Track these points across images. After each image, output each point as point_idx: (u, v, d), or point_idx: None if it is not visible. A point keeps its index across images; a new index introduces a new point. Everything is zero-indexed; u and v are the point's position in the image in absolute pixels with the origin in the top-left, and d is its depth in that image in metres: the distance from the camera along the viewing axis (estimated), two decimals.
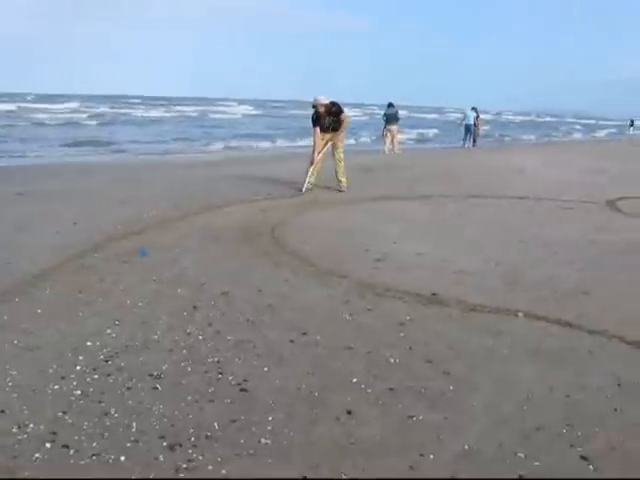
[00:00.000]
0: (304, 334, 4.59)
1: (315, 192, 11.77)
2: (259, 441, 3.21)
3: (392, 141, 23.67)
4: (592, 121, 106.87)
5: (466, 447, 3.22)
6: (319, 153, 12.26)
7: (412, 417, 3.49)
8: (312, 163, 12.20)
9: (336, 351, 4.32)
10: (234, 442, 3.19)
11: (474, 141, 29.22)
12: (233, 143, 29.68)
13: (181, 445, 3.16)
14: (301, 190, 11.78)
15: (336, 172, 12.31)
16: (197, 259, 6.55)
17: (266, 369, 4.01)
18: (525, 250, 7.60)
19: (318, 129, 12.22)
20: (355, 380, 3.89)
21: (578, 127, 76.62)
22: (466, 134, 29.09)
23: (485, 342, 4.58)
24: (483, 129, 31.75)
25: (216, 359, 4.13)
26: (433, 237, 8.12)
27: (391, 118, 23.52)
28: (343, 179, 12.31)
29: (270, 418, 3.42)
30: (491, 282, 6.11)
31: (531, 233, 8.62)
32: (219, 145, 28.52)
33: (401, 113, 24.64)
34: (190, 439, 3.21)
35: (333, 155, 12.43)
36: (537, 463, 3.11)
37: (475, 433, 3.36)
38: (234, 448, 3.14)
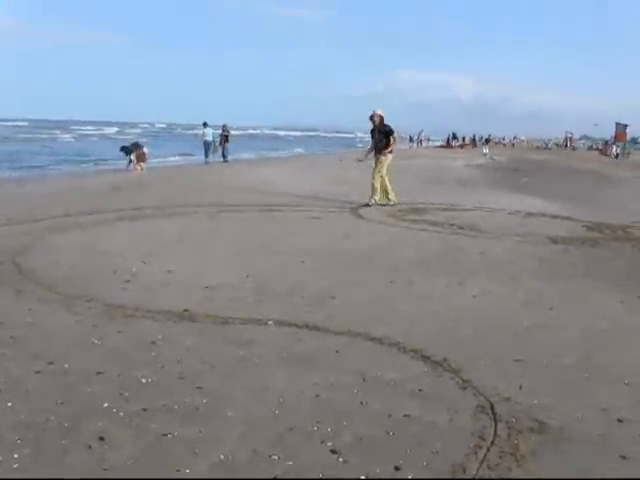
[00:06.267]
0: (51, 363, 4.39)
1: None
2: None
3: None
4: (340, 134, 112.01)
5: (222, 457, 3.29)
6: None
7: (167, 435, 3.49)
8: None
9: (86, 377, 4.19)
10: None
11: (224, 157, 29.58)
12: None
13: None
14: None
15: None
16: None
17: (10, 404, 3.79)
18: (276, 260, 7.88)
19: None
20: (106, 405, 3.80)
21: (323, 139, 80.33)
22: (206, 150, 29.43)
23: (237, 353, 4.70)
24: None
25: None
26: (185, 253, 8.14)
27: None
28: (375, 196, 13.68)
29: (16, 455, 3.24)
30: (242, 294, 6.27)
31: (282, 243, 8.98)
32: None
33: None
34: None
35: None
36: (290, 463, 3.26)
37: (230, 442, 3.44)
38: None
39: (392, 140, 13.84)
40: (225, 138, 29.64)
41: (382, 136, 13.82)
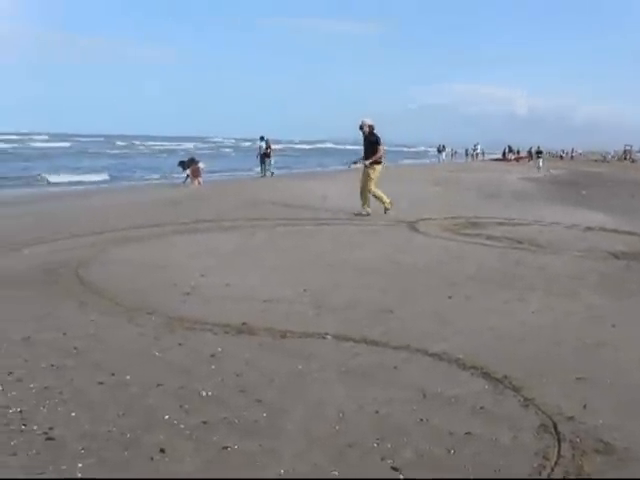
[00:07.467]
0: (113, 375, 4.45)
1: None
2: None
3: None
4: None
5: (282, 471, 3.28)
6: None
7: (227, 448, 3.50)
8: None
9: (147, 389, 4.23)
10: None
11: (266, 170, 29.73)
12: None
13: None
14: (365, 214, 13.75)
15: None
16: None
17: (74, 414, 3.85)
18: (332, 274, 7.87)
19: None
20: (167, 417, 3.83)
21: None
22: (262, 163, 29.67)
23: (296, 366, 4.69)
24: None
25: (18, 409, 3.89)
26: (242, 267, 8.19)
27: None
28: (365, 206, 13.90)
29: (80, 465, 3.28)
30: (300, 307, 6.27)
31: (338, 257, 8.96)
32: None
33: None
34: None
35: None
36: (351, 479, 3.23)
37: (290, 456, 3.43)
38: None
39: (378, 150, 13.89)
40: (267, 153, 29.72)
41: (368, 145, 13.90)
